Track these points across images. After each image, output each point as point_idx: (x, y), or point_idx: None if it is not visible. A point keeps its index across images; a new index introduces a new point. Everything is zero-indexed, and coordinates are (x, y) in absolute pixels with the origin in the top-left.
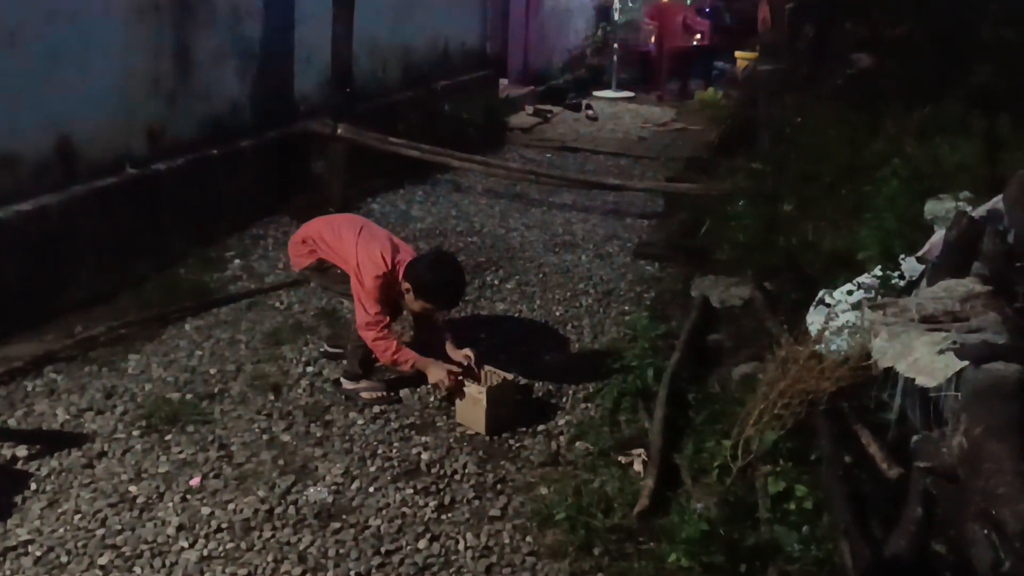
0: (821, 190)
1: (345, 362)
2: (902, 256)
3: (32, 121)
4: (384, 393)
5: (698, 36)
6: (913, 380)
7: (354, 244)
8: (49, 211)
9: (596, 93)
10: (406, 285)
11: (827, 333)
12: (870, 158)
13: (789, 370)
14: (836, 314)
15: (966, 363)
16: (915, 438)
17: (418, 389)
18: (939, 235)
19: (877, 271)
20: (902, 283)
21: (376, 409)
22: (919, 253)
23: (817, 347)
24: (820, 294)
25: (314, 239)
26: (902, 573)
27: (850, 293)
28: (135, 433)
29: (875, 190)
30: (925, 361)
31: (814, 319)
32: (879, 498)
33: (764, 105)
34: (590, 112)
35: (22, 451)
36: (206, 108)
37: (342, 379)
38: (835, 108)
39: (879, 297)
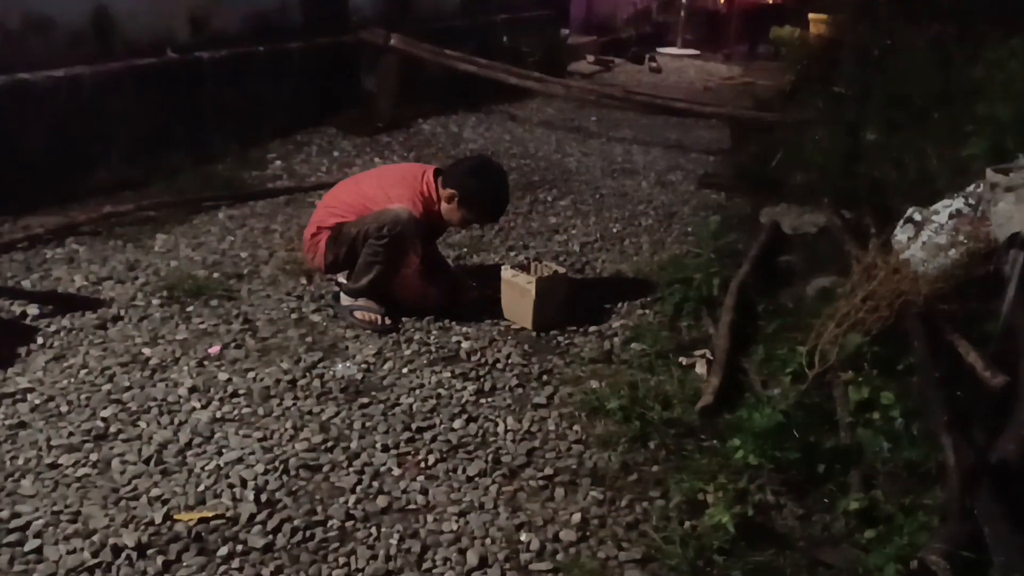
0: (909, 116)
1: (348, 281)
2: (1020, 154)
3: None
4: (379, 317)
5: None
6: None
7: (380, 189)
8: (82, 82)
9: (660, 50)
10: (448, 192)
11: (916, 247)
12: (966, 84)
13: (876, 276)
14: (930, 232)
15: None
16: None
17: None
18: None
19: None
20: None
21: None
22: None
23: (905, 255)
24: (908, 211)
25: (334, 205)
26: (1010, 477)
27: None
28: (155, 302)
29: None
30: None
31: (901, 237)
32: (979, 411)
33: (851, 26)
34: (653, 64)
35: (33, 310)
36: (252, 3)
37: (343, 294)
38: (928, 29)
39: (978, 212)
